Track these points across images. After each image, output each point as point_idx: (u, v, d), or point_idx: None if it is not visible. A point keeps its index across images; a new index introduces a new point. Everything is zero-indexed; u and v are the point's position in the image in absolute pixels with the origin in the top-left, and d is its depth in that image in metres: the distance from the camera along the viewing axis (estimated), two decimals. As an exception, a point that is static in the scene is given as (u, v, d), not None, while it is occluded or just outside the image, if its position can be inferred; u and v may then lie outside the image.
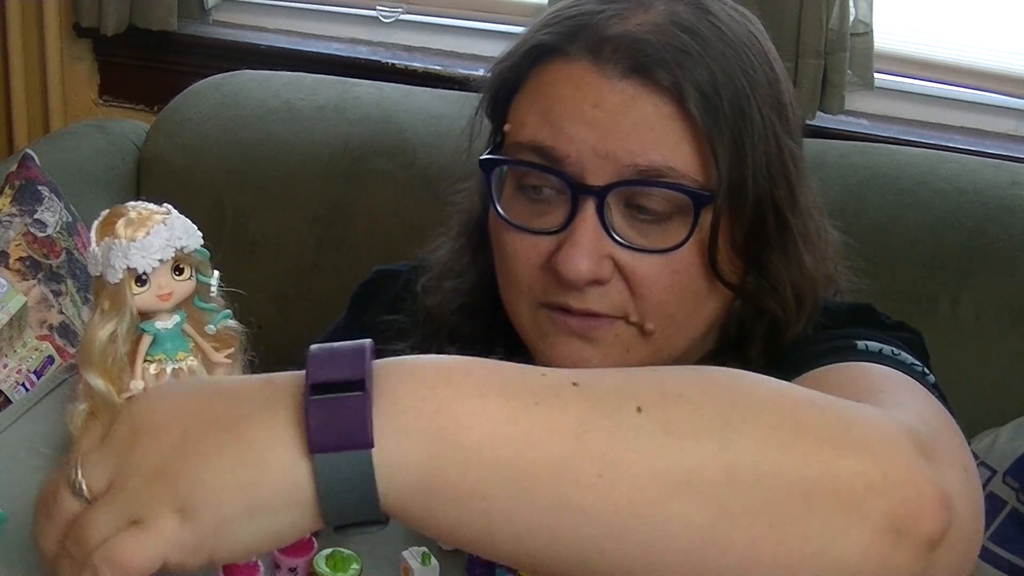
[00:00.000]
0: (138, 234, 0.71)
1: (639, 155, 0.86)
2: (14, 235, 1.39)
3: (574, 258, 0.86)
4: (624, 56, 0.87)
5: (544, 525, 0.58)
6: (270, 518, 0.58)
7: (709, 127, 0.87)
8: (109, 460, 0.61)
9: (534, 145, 0.89)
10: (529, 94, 0.92)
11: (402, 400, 0.58)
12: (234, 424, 0.59)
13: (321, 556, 0.70)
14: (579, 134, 0.87)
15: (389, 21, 2.09)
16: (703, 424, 0.59)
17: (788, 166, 0.93)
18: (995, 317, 1.42)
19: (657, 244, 0.88)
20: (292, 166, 1.62)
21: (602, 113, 0.87)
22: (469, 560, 0.72)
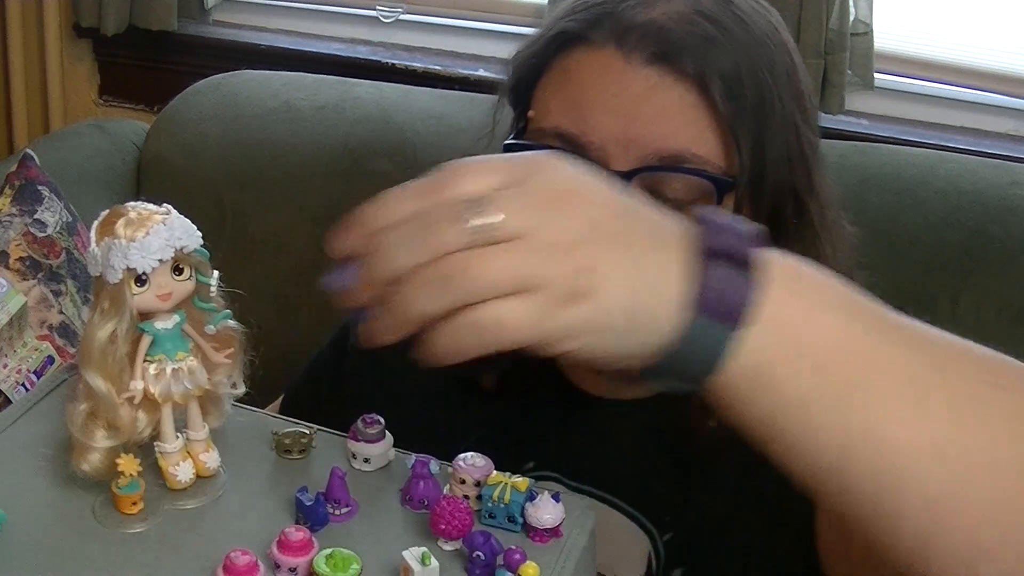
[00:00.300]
0: (138, 234, 0.71)
1: (662, 142, 0.87)
2: (14, 235, 1.39)
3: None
4: (649, 43, 0.88)
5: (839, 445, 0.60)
6: (627, 335, 0.59)
7: (732, 115, 0.87)
8: (529, 212, 0.59)
9: (558, 132, 0.90)
10: (553, 80, 0.92)
11: (773, 297, 0.60)
12: (648, 245, 0.60)
13: (321, 556, 0.70)
14: (603, 122, 0.88)
15: (389, 21, 2.09)
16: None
17: (807, 155, 0.94)
18: (995, 317, 1.42)
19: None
20: (292, 166, 1.62)
21: (626, 100, 0.87)
22: (469, 560, 0.73)
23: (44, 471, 0.78)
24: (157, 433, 0.76)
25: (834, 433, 0.60)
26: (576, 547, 0.76)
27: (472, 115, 1.62)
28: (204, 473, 0.78)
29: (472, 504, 0.76)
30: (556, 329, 0.59)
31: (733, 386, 0.60)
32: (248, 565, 0.69)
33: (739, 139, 0.88)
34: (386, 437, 0.82)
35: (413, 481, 0.78)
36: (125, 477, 0.74)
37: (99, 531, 0.74)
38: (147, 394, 0.74)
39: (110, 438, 0.74)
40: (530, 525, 0.76)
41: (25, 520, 0.74)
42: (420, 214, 0.61)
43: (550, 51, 0.93)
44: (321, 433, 0.84)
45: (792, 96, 0.92)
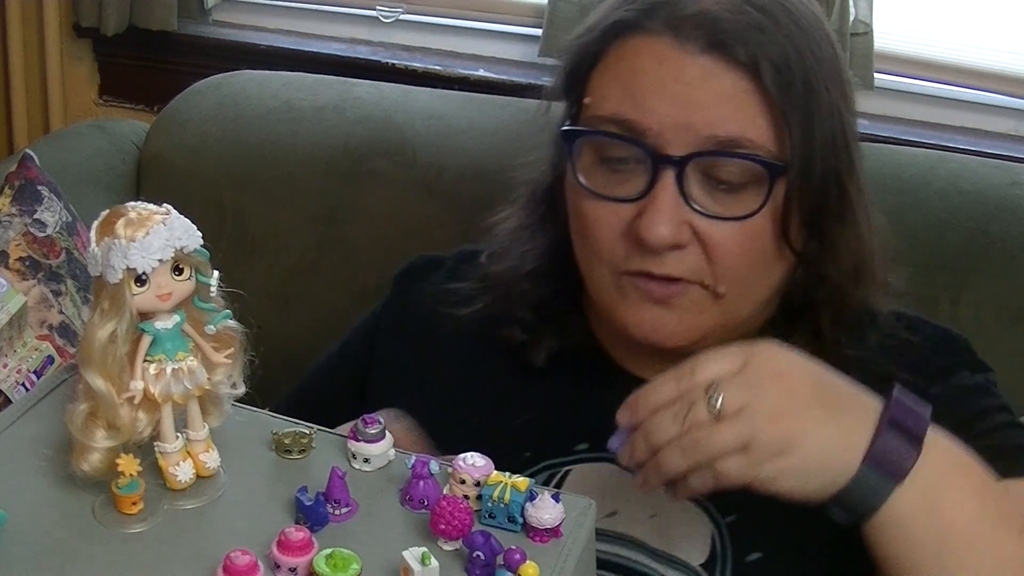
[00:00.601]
0: (138, 234, 0.71)
1: (718, 127, 0.91)
2: (14, 235, 1.39)
3: (656, 223, 0.92)
4: (703, 32, 0.92)
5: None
6: (817, 478, 0.83)
7: (783, 101, 0.92)
8: (747, 392, 0.81)
9: (616, 118, 0.94)
10: (610, 68, 0.96)
11: (927, 468, 0.83)
12: (839, 411, 0.84)
13: (321, 556, 0.70)
14: (660, 107, 0.92)
15: (389, 21, 2.09)
16: None
17: (850, 141, 0.98)
18: (995, 317, 1.42)
19: (733, 212, 0.93)
20: (292, 166, 1.62)
21: (682, 87, 0.91)
22: (469, 560, 0.73)
23: (44, 471, 0.78)
24: (157, 433, 0.76)
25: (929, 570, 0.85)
26: (576, 547, 0.76)
27: (472, 115, 1.62)
28: (204, 473, 0.78)
29: (472, 504, 0.76)
30: (763, 475, 0.82)
31: (880, 524, 0.84)
32: (248, 565, 0.69)
33: (790, 125, 0.92)
34: (386, 437, 0.82)
35: (413, 481, 0.78)
36: (125, 477, 0.74)
37: (99, 531, 0.74)
38: (147, 394, 0.74)
39: (110, 438, 0.74)
40: (530, 525, 0.76)
41: (25, 520, 0.74)
42: (678, 397, 0.83)
43: (606, 39, 0.96)
44: (321, 433, 0.84)
45: (836, 84, 0.96)
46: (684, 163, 0.91)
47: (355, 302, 1.58)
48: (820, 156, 0.94)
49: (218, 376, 0.78)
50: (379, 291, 1.56)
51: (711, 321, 0.98)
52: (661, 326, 0.97)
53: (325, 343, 1.58)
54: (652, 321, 0.97)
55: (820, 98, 0.94)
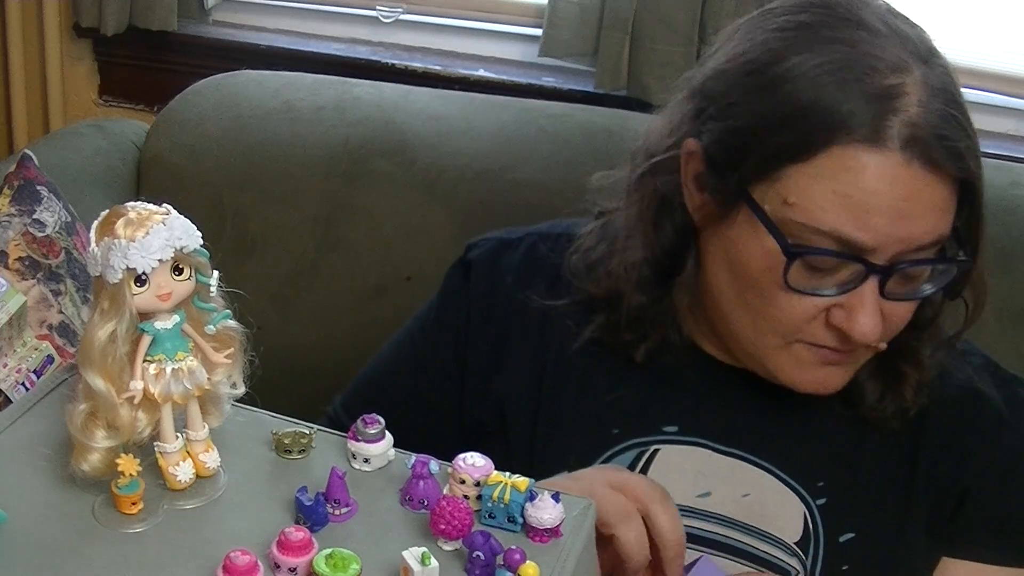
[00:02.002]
0: (137, 234, 0.71)
1: (930, 233, 0.93)
2: (13, 235, 1.39)
3: (867, 323, 0.94)
4: (925, 150, 0.90)
5: None
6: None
7: (976, 203, 0.96)
8: None
9: (835, 234, 0.92)
10: (828, 178, 0.92)
11: None
12: None
13: (321, 556, 0.70)
14: (883, 226, 0.91)
15: (389, 21, 2.09)
16: None
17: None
18: (995, 317, 1.42)
19: (917, 293, 0.98)
20: (292, 166, 1.62)
21: (907, 204, 0.91)
22: (469, 560, 0.73)
23: (44, 471, 0.78)
24: (157, 433, 0.76)
25: None
26: (576, 547, 0.76)
27: (472, 115, 1.62)
28: (204, 473, 0.78)
29: (472, 504, 0.76)
30: None
31: None
32: (248, 565, 0.69)
33: (975, 221, 0.97)
34: (386, 437, 0.82)
35: (413, 481, 0.78)
36: (125, 477, 0.74)
37: (99, 531, 0.74)
38: (147, 394, 0.74)
39: (110, 438, 0.74)
40: (530, 525, 0.76)
41: (25, 520, 0.74)
42: None
43: (823, 136, 0.91)
44: (321, 433, 0.84)
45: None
46: (890, 271, 0.94)
47: (355, 302, 1.58)
48: (982, 233, 0.99)
49: (218, 376, 0.78)
50: (379, 291, 1.57)
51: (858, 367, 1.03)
52: (831, 382, 1.01)
53: (325, 343, 1.58)
54: (824, 380, 1.00)
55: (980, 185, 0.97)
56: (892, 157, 0.90)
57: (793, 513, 1.04)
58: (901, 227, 0.91)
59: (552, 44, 1.89)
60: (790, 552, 1.04)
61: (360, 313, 1.57)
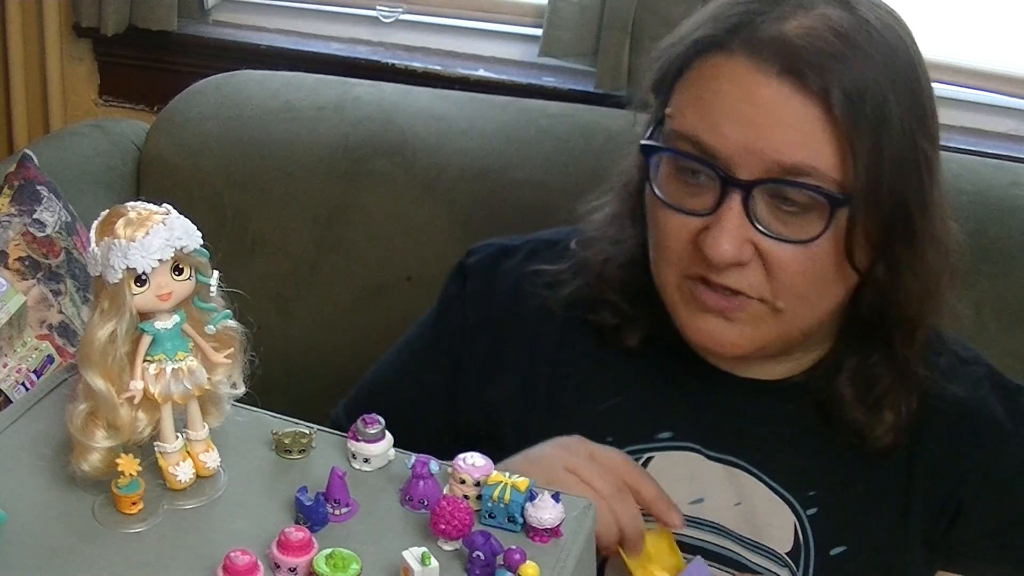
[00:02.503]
0: (137, 234, 0.71)
1: (784, 153, 0.93)
2: (13, 235, 1.39)
3: (720, 242, 0.94)
4: (780, 58, 0.93)
5: None
6: None
7: (851, 131, 0.92)
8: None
9: (690, 136, 0.96)
10: (691, 84, 0.98)
11: None
12: None
13: (321, 556, 0.70)
14: (732, 132, 0.94)
15: (389, 21, 2.08)
16: None
17: (921, 168, 0.98)
18: (995, 317, 1.42)
19: (796, 235, 0.95)
20: (292, 166, 1.62)
21: (754, 108, 0.93)
22: (469, 560, 0.73)
23: (44, 471, 0.78)
24: (157, 433, 0.76)
25: None
26: (576, 547, 0.76)
27: (472, 115, 1.62)
28: (204, 473, 0.78)
29: (472, 504, 0.76)
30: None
31: None
32: (248, 565, 0.69)
33: (856, 154, 0.93)
34: (386, 437, 0.82)
35: (413, 481, 0.78)
36: (125, 477, 0.74)
37: (99, 531, 0.74)
38: (147, 394, 0.74)
39: (110, 438, 0.74)
40: (530, 525, 0.76)
41: (25, 520, 0.74)
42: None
43: (690, 54, 0.98)
44: (321, 433, 0.84)
45: (912, 110, 0.96)
46: (750, 188, 0.94)
47: (355, 302, 1.58)
48: (888, 184, 0.95)
49: (218, 376, 0.78)
50: (379, 291, 1.57)
51: (770, 333, 1.00)
52: (720, 335, 1.00)
53: (325, 343, 1.58)
54: (710, 331, 1.00)
55: (891, 127, 0.94)
56: (739, 59, 0.94)
57: (784, 523, 1.04)
58: (751, 135, 0.93)
59: (552, 44, 1.89)
60: (781, 563, 1.03)
61: (360, 313, 1.57)
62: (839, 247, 0.96)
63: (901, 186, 0.96)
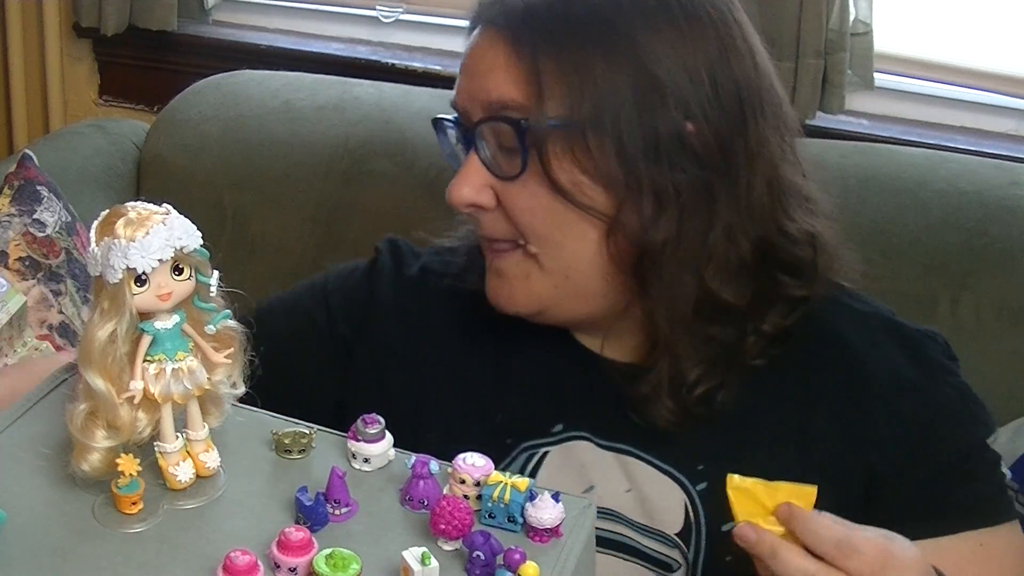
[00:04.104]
0: (137, 234, 0.71)
1: (488, 91, 0.99)
2: (13, 235, 1.39)
3: (455, 185, 1.01)
4: (482, 10, 1.03)
5: None
6: None
7: (538, 62, 0.96)
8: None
9: (453, 103, 1.04)
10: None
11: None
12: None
13: (321, 556, 0.70)
14: (462, 84, 1.02)
15: (389, 21, 2.09)
16: None
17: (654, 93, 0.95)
18: (995, 317, 1.42)
19: (507, 172, 0.99)
20: (292, 166, 1.62)
21: (470, 61, 1.02)
22: (469, 560, 0.73)
23: (44, 471, 0.78)
24: (157, 433, 0.76)
25: None
26: (576, 547, 0.76)
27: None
28: (204, 473, 0.78)
29: (472, 504, 0.76)
30: None
31: None
32: (248, 565, 0.69)
33: (546, 84, 0.96)
34: (386, 437, 0.82)
35: (413, 481, 0.78)
36: (125, 477, 0.74)
37: (99, 531, 0.74)
38: (147, 394, 0.74)
39: (110, 438, 0.74)
40: (530, 525, 0.76)
41: (25, 520, 0.74)
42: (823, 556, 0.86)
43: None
44: (321, 433, 0.84)
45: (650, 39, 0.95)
46: (472, 130, 1.00)
47: (355, 302, 1.58)
48: (619, 111, 0.94)
49: (218, 376, 0.78)
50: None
51: (543, 285, 1.01)
52: (497, 292, 1.04)
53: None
54: (492, 288, 1.04)
55: (599, 51, 0.95)
56: (476, 27, 1.03)
57: (674, 504, 1.02)
58: (473, 83, 1.00)
59: (552, 44, 1.88)
60: (671, 544, 1.02)
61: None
62: (545, 180, 0.97)
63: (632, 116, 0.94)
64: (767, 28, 1.73)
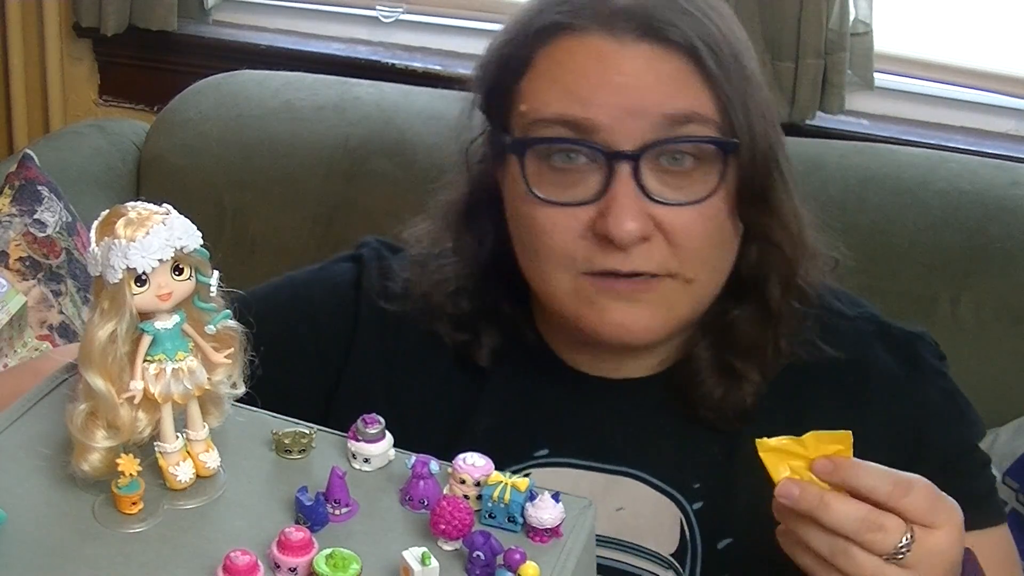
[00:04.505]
0: (137, 234, 0.71)
1: (667, 104, 0.92)
2: (14, 235, 1.39)
3: (623, 220, 0.91)
4: (635, 23, 0.92)
5: None
6: None
7: (723, 78, 0.92)
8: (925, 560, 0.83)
9: (562, 118, 0.93)
10: (544, 73, 0.95)
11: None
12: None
13: (321, 556, 0.70)
14: (608, 100, 0.91)
15: (389, 21, 2.09)
16: None
17: (774, 114, 0.99)
18: (995, 317, 1.42)
19: (691, 196, 0.93)
20: (292, 166, 1.62)
21: (626, 77, 0.92)
22: (469, 560, 0.73)
23: (44, 471, 0.78)
24: (157, 433, 0.76)
25: None
26: (576, 547, 0.76)
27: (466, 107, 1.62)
28: (204, 473, 0.78)
29: (472, 504, 0.76)
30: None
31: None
32: (248, 565, 0.69)
33: (731, 100, 0.93)
34: (386, 437, 0.82)
35: (413, 481, 0.78)
36: (125, 477, 0.74)
37: (99, 531, 0.74)
38: (147, 394, 0.74)
39: (110, 438, 0.74)
40: (530, 525, 0.76)
41: (25, 520, 0.74)
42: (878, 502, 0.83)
43: (533, 46, 0.95)
44: (321, 433, 0.84)
45: (753, 60, 0.98)
46: (638, 157, 0.91)
47: (355, 302, 1.58)
48: (760, 130, 0.95)
49: (218, 376, 0.78)
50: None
51: (684, 311, 0.97)
52: (633, 323, 0.95)
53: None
54: (623, 320, 0.95)
55: (750, 74, 0.96)
56: (594, 36, 0.92)
57: (669, 522, 1.00)
58: (628, 99, 0.91)
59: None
60: (666, 565, 0.99)
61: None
62: (730, 201, 0.95)
63: (769, 132, 0.96)
64: (767, 28, 1.73)
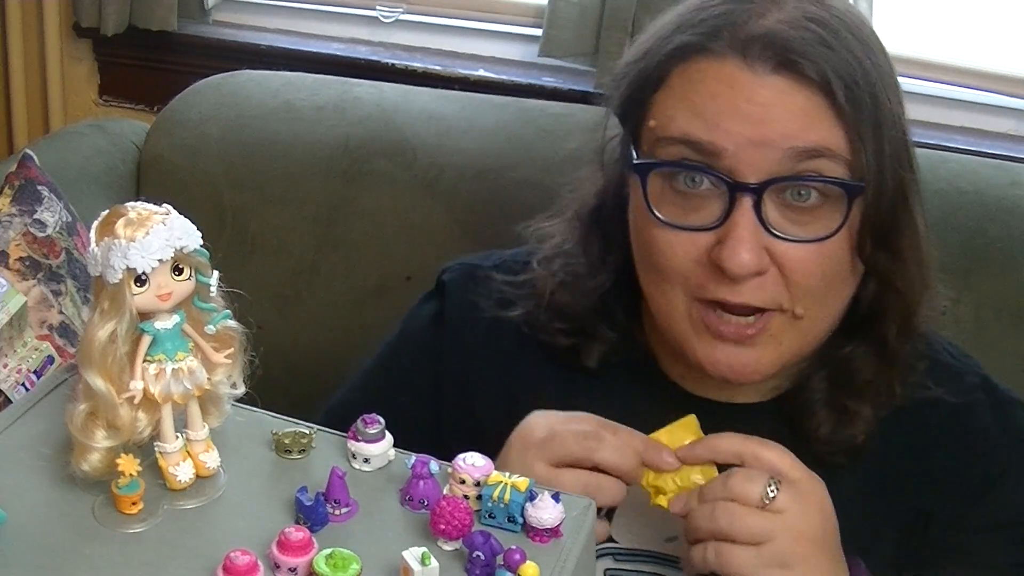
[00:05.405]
0: (137, 234, 0.71)
1: (797, 138, 0.90)
2: (14, 235, 1.39)
3: (738, 252, 0.90)
4: (771, 53, 0.90)
5: None
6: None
7: (855, 116, 0.91)
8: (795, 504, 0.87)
9: (687, 138, 0.92)
10: (676, 91, 0.94)
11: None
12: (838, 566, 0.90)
13: (321, 556, 0.70)
14: (735, 128, 0.90)
15: (389, 21, 2.09)
16: None
17: (911, 151, 0.97)
18: (995, 317, 1.42)
19: (811, 233, 0.92)
20: (292, 166, 1.62)
21: (754, 107, 0.90)
22: (469, 560, 0.73)
23: (44, 471, 0.78)
24: (157, 433, 0.76)
25: None
26: (576, 547, 0.76)
27: (472, 115, 1.62)
28: (204, 473, 0.78)
29: (472, 504, 0.76)
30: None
31: None
32: (248, 565, 0.69)
33: (863, 140, 0.91)
34: (386, 437, 0.82)
35: (413, 481, 0.78)
36: (125, 477, 0.74)
37: (99, 531, 0.74)
38: (147, 394, 0.74)
39: (110, 438, 0.74)
40: (530, 525, 0.76)
41: (25, 520, 0.74)
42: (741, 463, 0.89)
43: (669, 64, 0.95)
44: (321, 433, 0.84)
45: (895, 95, 0.96)
46: (761, 191, 0.90)
47: (355, 302, 1.58)
48: (891, 170, 0.93)
49: (218, 376, 0.78)
50: (379, 291, 1.57)
51: (792, 348, 0.96)
52: (740, 364, 0.96)
53: (325, 343, 1.58)
54: (729, 360, 0.95)
55: (885, 111, 0.93)
56: (728, 61, 0.91)
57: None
58: (755, 129, 0.90)
59: (552, 44, 1.89)
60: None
61: (360, 313, 1.57)
62: (852, 240, 0.93)
63: (900, 171, 0.94)
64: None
